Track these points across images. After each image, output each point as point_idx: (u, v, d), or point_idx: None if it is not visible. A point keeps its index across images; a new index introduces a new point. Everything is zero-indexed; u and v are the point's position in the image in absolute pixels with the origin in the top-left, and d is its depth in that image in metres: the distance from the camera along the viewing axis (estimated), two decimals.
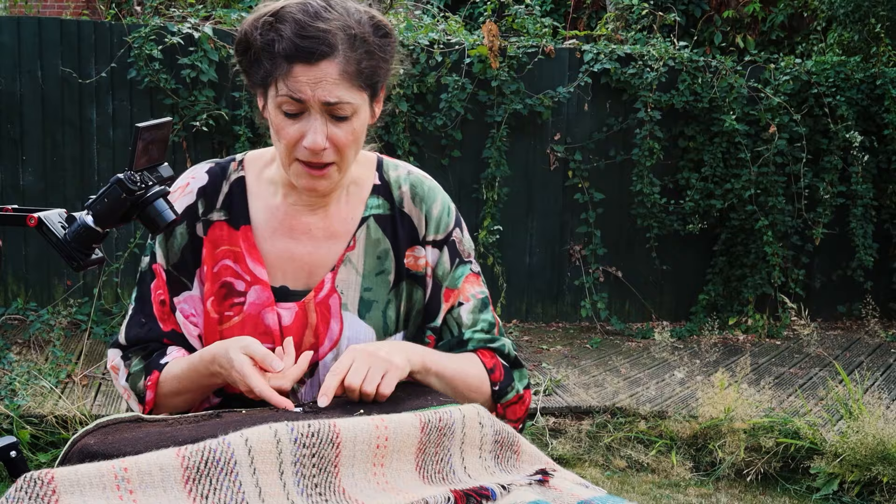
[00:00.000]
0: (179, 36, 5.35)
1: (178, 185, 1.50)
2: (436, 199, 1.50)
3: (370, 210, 1.48)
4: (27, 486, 0.95)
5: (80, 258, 1.32)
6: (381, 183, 1.50)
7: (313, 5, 1.32)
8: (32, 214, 1.32)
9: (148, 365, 1.46)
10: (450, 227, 1.50)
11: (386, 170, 1.51)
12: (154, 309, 1.48)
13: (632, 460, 4.14)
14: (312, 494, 1.07)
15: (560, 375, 4.91)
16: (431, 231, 1.49)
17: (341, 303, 1.46)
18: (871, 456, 3.78)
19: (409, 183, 1.50)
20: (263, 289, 1.45)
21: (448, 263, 1.49)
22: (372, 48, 1.34)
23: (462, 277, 1.50)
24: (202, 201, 1.47)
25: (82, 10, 8.15)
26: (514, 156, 6.11)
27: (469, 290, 1.50)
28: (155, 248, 1.49)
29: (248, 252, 1.46)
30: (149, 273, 1.50)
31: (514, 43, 6.04)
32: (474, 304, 1.49)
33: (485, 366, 1.46)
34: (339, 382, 1.30)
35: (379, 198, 1.49)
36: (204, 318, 1.46)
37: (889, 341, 6.28)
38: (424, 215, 1.49)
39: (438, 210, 1.50)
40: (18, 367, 4.10)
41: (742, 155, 6.16)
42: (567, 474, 1.23)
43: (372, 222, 1.48)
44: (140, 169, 1.33)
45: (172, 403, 1.45)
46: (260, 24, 1.32)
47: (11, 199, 5.35)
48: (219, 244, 1.47)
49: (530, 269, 6.30)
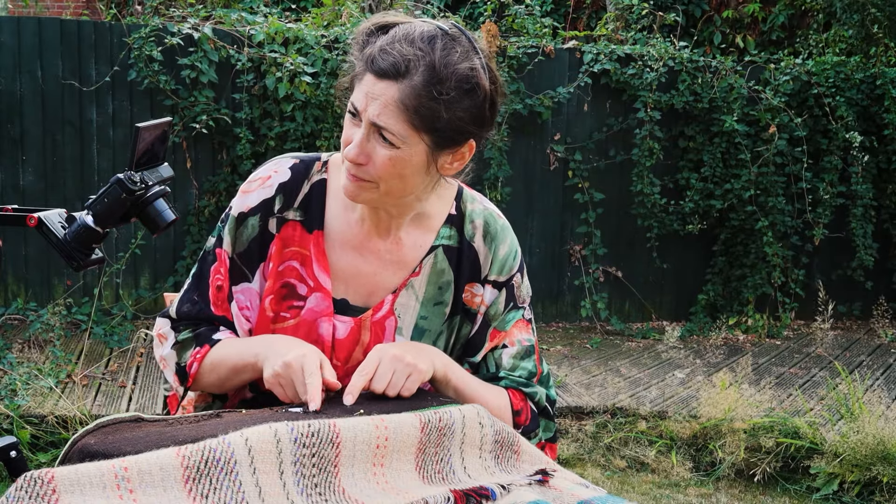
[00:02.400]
0: (179, 36, 5.35)
1: (259, 175, 1.49)
2: (505, 241, 1.50)
3: (440, 240, 1.48)
4: (27, 486, 0.95)
5: (80, 258, 1.32)
6: (457, 213, 1.50)
7: (420, 31, 1.31)
8: (32, 214, 1.32)
9: (199, 336, 1.46)
10: (513, 270, 1.50)
11: (464, 201, 1.51)
12: (210, 292, 1.48)
13: (632, 460, 4.14)
14: (312, 494, 1.07)
15: (560, 375, 4.91)
16: (494, 272, 1.49)
17: (396, 326, 1.46)
18: (871, 456, 3.79)
19: (483, 218, 1.50)
20: (324, 297, 1.44)
21: (502, 305, 1.49)
22: (444, 96, 1.29)
23: (512, 322, 1.50)
24: (280, 197, 1.47)
25: (82, 10, 8.15)
26: (514, 156, 6.11)
27: (516, 336, 1.49)
28: (223, 233, 1.48)
29: (316, 258, 1.45)
30: (212, 254, 1.49)
31: (514, 43, 6.04)
32: (518, 349, 1.49)
33: (512, 405, 1.45)
34: (364, 383, 1.31)
35: (451, 228, 1.49)
36: (259, 313, 1.46)
37: (889, 341, 6.28)
38: (491, 254, 1.49)
39: (505, 252, 1.50)
40: (19, 367, 4.10)
41: (742, 155, 6.16)
42: (567, 474, 1.23)
43: (440, 252, 1.48)
44: (140, 169, 1.34)
45: (209, 381, 1.45)
46: (370, 27, 1.35)
47: (11, 199, 5.35)
48: (289, 244, 1.46)
49: (530, 269, 6.28)
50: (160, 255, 5.69)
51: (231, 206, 1.49)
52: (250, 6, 6.23)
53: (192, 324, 1.49)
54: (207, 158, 5.63)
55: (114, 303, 5.57)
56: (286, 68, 5.34)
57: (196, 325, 1.49)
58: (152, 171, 1.37)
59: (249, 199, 1.47)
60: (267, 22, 5.60)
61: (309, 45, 5.50)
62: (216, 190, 5.57)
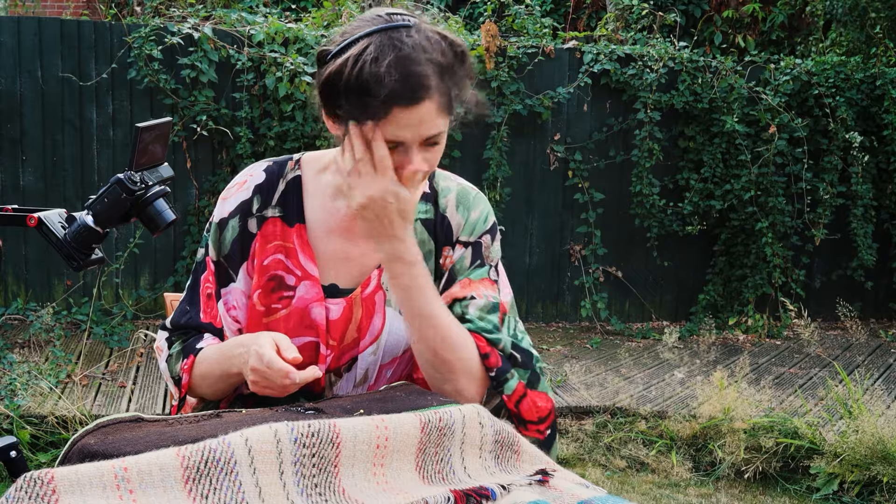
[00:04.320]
0: (179, 36, 5.35)
1: (236, 181, 1.55)
2: (477, 207, 1.55)
3: (417, 214, 1.52)
4: (27, 486, 0.95)
5: (80, 258, 1.32)
6: (431, 191, 1.55)
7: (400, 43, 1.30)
8: (32, 214, 1.32)
9: (185, 348, 1.50)
10: (482, 232, 1.54)
11: (437, 180, 1.56)
12: (201, 300, 1.53)
13: (632, 460, 4.14)
14: (312, 494, 1.07)
15: (560, 375, 4.91)
16: (465, 233, 1.53)
17: (385, 299, 1.49)
18: (870, 456, 3.79)
19: (456, 192, 1.55)
20: (313, 285, 1.48)
21: (468, 261, 1.52)
22: (458, 76, 1.37)
23: (479, 277, 1.51)
24: (258, 198, 1.51)
25: (82, 10, 8.15)
26: (514, 156, 6.11)
27: (483, 290, 1.50)
28: (208, 241, 1.53)
29: (300, 249, 1.49)
30: (202, 264, 1.54)
31: (514, 43, 6.04)
32: (485, 303, 1.49)
33: (478, 349, 1.44)
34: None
35: (427, 203, 1.53)
36: (248, 310, 1.49)
37: (889, 341, 6.28)
38: (464, 220, 1.53)
39: (476, 216, 1.54)
40: (18, 368, 4.10)
41: (742, 156, 6.16)
42: (567, 474, 1.23)
43: (418, 225, 1.52)
44: (140, 169, 1.34)
45: (204, 386, 1.48)
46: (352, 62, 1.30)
47: (11, 199, 5.35)
48: (271, 240, 1.50)
49: (530, 269, 6.30)
50: (160, 255, 5.69)
51: (213, 216, 1.55)
52: (250, 6, 6.23)
53: (184, 334, 1.53)
54: (207, 158, 5.63)
55: (114, 303, 5.57)
56: (286, 68, 5.34)
57: (187, 335, 1.53)
58: (152, 171, 1.37)
59: (227, 205, 1.53)
60: (267, 22, 5.60)
61: (309, 45, 5.50)
62: (216, 190, 5.57)
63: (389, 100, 1.28)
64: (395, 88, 1.28)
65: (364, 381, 1.49)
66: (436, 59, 1.33)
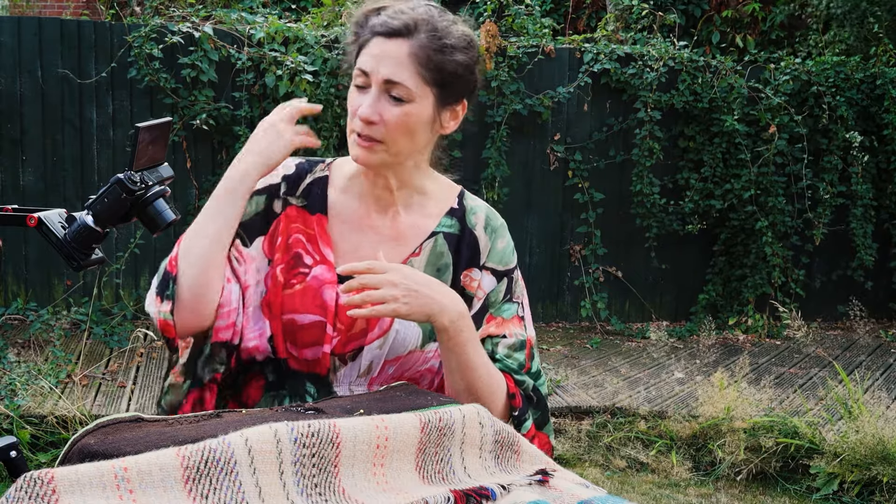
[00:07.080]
0: (179, 35, 5.35)
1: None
2: (504, 237, 1.58)
3: (442, 227, 1.54)
4: (27, 486, 0.95)
5: (80, 258, 1.32)
6: (459, 208, 1.58)
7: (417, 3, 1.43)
8: (32, 214, 1.32)
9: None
10: (510, 265, 1.57)
11: (466, 199, 1.60)
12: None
13: (632, 460, 4.14)
14: (312, 494, 1.07)
15: (560, 375, 4.91)
16: (493, 260, 1.55)
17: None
18: (870, 456, 3.79)
19: (485, 213, 1.58)
20: (329, 269, 1.49)
21: (502, 294, 1.55)
22: (449, 49, 1.41)
23: (510, 315, 1.54)
24: (284, 185, 1.54)
25: (82, 10, 8.15)
26: (514, 156, 6.11)
27: (513, 329, 1.54)
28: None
29: (320, 236, 1.51)
30: None
31: (514, 43, 6.04)
32: (514, 341, 1.52)
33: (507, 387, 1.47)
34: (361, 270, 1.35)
35: (453, 218, 1.56)
36: (272, 279, 1.49)
37: (889, 341, 6.28)
38: (491, 245, 1.55)
39: (503, 246, 1.57)
40: (18, 367, 4.10)
41: (742, 155, 6.16)
42: (567, 474, 1.23)
43: (441, 238, 1.54)
44: (140, 169, 1.33)
45: (198, 247, 1.42)
46: (367, 10, 1.44)
47: (11, 199, 5.35)
48: (293, 223, 1.52)
49: (530, 269, 6.30)
50: (160, 255, 5.69)
51: None
52: (250, 6, 6.23)
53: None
54: (207, 158, 5.63)
55: (114, 303, 5.57)
56: (286, 67, 5.34)
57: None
58: (152, 171, 1.37)
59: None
60: (267, 22, 5.60)
61: (309, 44, 5.50)
62: None
63: (374, 28, 1.40)
64: (385, 21, 1.40)
65: (367, 373, 1.49)
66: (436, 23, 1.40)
